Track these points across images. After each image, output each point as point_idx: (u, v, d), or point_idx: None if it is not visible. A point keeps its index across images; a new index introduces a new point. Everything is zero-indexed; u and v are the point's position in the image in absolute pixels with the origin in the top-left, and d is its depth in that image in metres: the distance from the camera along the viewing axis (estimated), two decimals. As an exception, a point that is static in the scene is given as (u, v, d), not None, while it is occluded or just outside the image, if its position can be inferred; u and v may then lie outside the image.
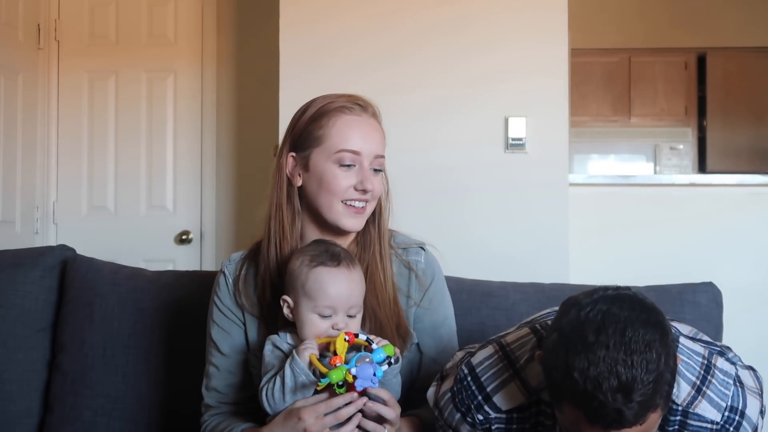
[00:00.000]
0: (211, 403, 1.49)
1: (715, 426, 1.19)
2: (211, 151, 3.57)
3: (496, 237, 2.67)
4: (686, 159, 5.89)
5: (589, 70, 5.73)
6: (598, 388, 1.01)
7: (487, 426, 1.28)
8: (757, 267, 2.71)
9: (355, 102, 1.44)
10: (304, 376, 1.25)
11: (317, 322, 1.31)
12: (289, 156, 1.43)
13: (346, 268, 1.33)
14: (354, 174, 1.41)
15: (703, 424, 1.19)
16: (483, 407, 1.27)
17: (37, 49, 3.47)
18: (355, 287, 1.33)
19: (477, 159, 2.72)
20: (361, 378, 1.20)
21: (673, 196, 2.78)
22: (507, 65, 2.72)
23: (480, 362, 1.30)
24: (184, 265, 3.39)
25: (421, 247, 1.54)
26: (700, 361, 1.23)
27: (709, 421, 1.19)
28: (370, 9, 2.78)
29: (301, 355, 1.26)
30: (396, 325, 1.43)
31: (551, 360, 1.09)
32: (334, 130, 1.40)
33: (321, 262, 1.32)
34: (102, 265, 1.94)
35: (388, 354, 1.25)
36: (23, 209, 3.35)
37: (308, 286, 1.31)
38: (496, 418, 1.27)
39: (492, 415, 1.27)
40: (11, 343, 1.85)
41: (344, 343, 1.25)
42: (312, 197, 1.43)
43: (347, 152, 1.40)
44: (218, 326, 1.49)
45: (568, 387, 1.05)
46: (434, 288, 1.52)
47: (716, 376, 1.22)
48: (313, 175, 1.41)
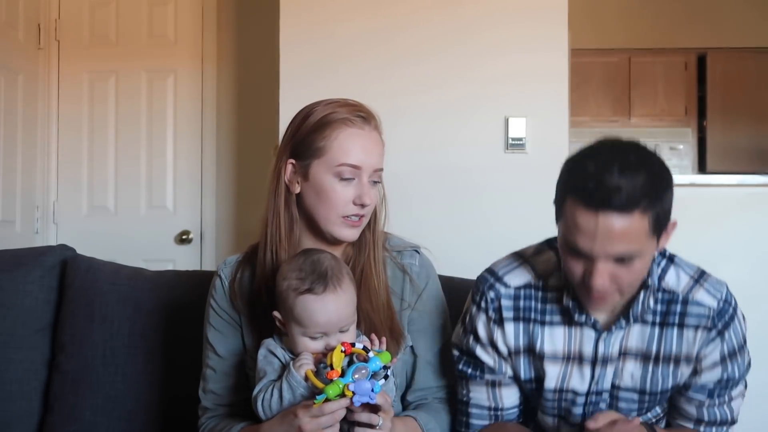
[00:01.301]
0: (208, 406, 1.49)
1: (712, 312, 1.38)
2: (211, 151, 3.57)
3: (495, 237, 2.66)
4: (686, 159, 5.89)
5: (589, 70, 5.73)
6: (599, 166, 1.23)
7: (497, 304, 1.45)
8: (757, 267, 2.71)
9: (358, 113, 1.43)
10: (302, 388, 1.26)
11: (309, 344, 1.31)
12: (288, 163, 1.42)
13: (332, 292, 1.30)
14: (353, 188, 1.40)
15: (701, 309, 1.38)
16: (494, 286, 1.46)
17: (37, 49, 3.47)
18: (343, 309, 1.31)
19: (477, 159, 2.72)
20: (359, 394, 1.20)
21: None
22: (507, 65, 2.72)
23: (494, 263, 1.52)
24: (184, 265, 3.39)
25: (416, 250, 1.54)
26: (696, 267, 1.45)
27: (707, 307, 1.38)
28: (370, 10, 2.78)
29: (298, 371, 1.27)
30: (390, 328, 1.43)
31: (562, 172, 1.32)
32: (336, 143, 1.39)
33: (308, 289, 1.29)
34: (102, 265, 1.94)
35: (384, 362, 1.25)
36: (23, 209, 3.35)
37: (296, 312, 1.30)
38: (506, 293, 1.45)
39: (502, 291, 1.45)
40: (11, 343, 1.85)
41: (341, 354, 1.25)
42: (309, 206, 1.42)
43: (348, 166, 1.39)
44: (215, 329, 1.49)
45: (574, 174, 1.28)
46: (428, 291, 1.53)
47: (711, 278, 1.43)
48: (311, 186, 1.41)
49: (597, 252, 1.25)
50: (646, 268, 1.33)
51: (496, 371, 1.47)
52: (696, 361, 1.39)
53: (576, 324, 1.41)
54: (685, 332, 1.39)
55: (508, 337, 1.45)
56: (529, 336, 1.45)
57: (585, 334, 1.41)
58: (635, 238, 1.25)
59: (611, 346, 1.41)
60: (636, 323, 1.40)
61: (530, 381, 1.46)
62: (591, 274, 1.27)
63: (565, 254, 1.33)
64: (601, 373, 1.42)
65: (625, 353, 1.41)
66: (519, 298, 1.45)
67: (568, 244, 1.29)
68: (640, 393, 1.42)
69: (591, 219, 1.23)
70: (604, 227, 1.22)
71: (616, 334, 1.40)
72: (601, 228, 1.23)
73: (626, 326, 1.39)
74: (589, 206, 1.23)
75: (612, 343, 1.41)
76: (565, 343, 1.43)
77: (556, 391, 1.44)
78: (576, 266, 1.30)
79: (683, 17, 5.81)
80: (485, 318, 1.46)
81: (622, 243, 1.24)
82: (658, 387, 1.41)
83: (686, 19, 5.81)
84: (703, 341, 1.38)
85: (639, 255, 1.27)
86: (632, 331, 1.40)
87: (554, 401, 1.45)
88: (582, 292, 1.35)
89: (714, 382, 1.41)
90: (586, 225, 1.24)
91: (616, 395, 1.42)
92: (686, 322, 1.39)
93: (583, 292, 1.34)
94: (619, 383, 1.42)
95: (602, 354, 1.41)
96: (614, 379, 1.42)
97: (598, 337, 1.41)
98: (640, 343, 1.41)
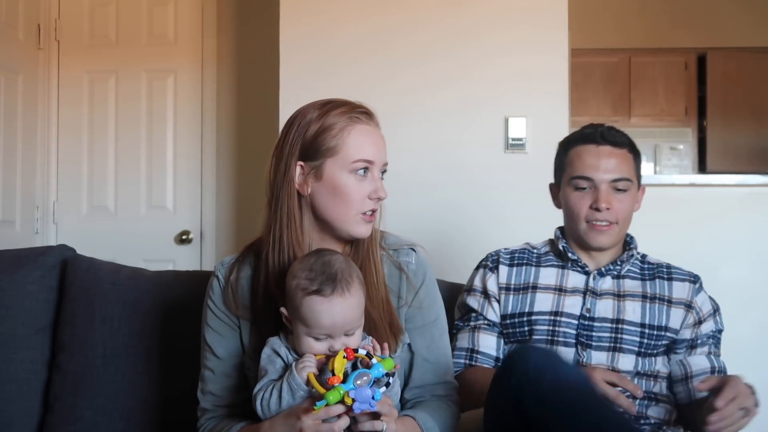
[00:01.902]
0: (207, 407, 1.49)
1: (692, 275, 1.70)
2: (211, 151, 3.56)
3: (496, 236, 2.66)
4: (686, 159, 5.89)
5: (589, 70, 5.73)
6: (593, 126, 1.70)
7: (496, 257, 1.76)
8: (757, 267, 2.71)
9: (362, 111, 1.45)
10: (302, 391, 1.26)
11: (313, 344, 1.31)
12: (297, 165, 1.42)
13: (340, 295, 1.29)
14: (368, 183, 1.42)
15: (682, 272, 1.71)
16: (496, 251, 1.78)
17: (37, 49, 3.47)
18: (350, 313, 1.31)
19: (477, 159, 2.72)
20: (359, 401, 1.20)
21: (673, 196, 2.78)
22: (507, 66, 2.72)
23: None
24: (184, 265, 3.39)
25: (412, 248, 1.55)
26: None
27: (687, 272, 1.71)
28: (370, 11, 2.78)
29: (300, 373, 1.27)
30: (389, 323, 1.44)
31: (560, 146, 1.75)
32: (348, 140, 1.40)
33: (316, 291, 1.29)
34: (102, 265, 1.94)
35: (387, 369, 1.25)
36: (23, 209, 3.35)
37: (303, 312, 1.30)
38: (504, 251, 1.77)
39: (501, 250, 1.77)
40: (11, 343, 1.85)
41: (343, 360, 1.25)
42: (323, 206, 1.42)
43: (362, 162, 1.41)
44: (213, 330, 1.49)
45: (574, 135, 1.71)
46: (425, 288, 1.53)
47: None
48: (325, 185, 1.41)
49: (601, 177, 1.63)
50: (632, 206, 1.67)
51: (479, 312, 1.71)
52: (693, 310, 1.66)
53: (567, 268, 1.70)
54: (675, 283, 1.68)
55: (501, 276, 1.73)
56: (522, 276, 1.72)
57: (576, 275, 1.69)
58: (626, 168, 1.65)
59: (601, 283, 1.67)
60: (627, 278, 1.68)
61: (521, 315, 1.68)
62: (597, 200, 1.62)
63: (571, 195, 1.67)
64: (592, 303, 1.65)
65: (624, 295, 1.66)
66: (515, 252, 1.77)
67: (575, 179, 1.66)
68: (641, 326, 1.63)
69: (593, 150, 1.65)
70: (605, 154, 1.64)
71: (606, 277, 1.68)
72: (602, 156, 1.64)
73: (614, 270, 1.68)
74: (591, 142, 1.66)
75: (601, 282, 1.67)
76: (557, 279, 1.70)
77: (550, 313, 1.65)
78: (583, 200, 1.65)
79: (683, 17, 5.81)
80: (482, 271, 1.76)
81: (617, 169, 1.64)
82: (655, 321, 1.64)
83: (686, 19, 5.81)
84: (693, 291, 1.67)
85: (629, 188, 1.65)
86: (625, 282, 1.68)
87: (547, 327, 1.63)
88: (587, 229, 1.65)
89: (713, 332, 1.67)
90: (590, 156, 1.64)
91: (621, 328, 1.63)
92: (673, 276, 1.69)
93: (588, 228, 1.65)
94: (623, 317, 1.64)
95: (592, 287, 1.66)
96: (618, 314, 1.64)
97: (588, 277, 1.68)
98: (636, 287, 1.68)
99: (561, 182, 1.72)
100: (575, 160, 1.66)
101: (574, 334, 1.63)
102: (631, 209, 1.67)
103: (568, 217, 1.71)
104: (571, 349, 1.62)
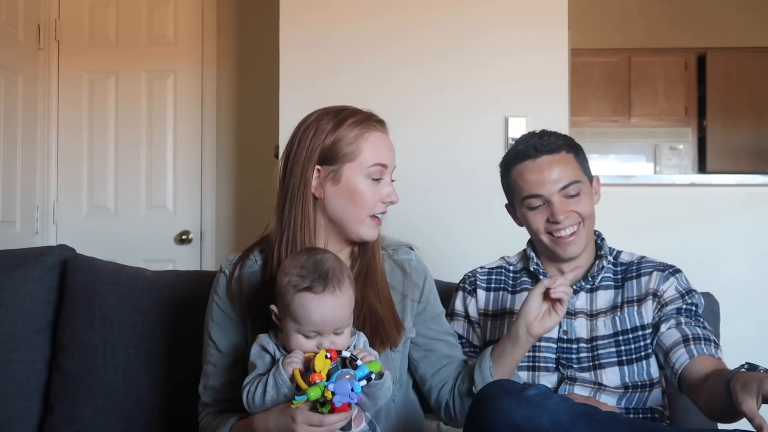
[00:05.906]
0: (208, 401, 1.51)
1: (661, 265, 1.67)
2: (211, 151, 3.57)
3: (496, 236, 2.66)
4: (686, 159, 5.89)
5: (589, 70, 5.74)
6: (524, 138, 1.67)
7: (473, 278, 1.76)
8: (757, 267, 2.71)
9: (375, 119, 1.52)
10: (286, 388, 1.27)
11: (302, 341, 1.32)
12: (315, 169, 1.46)
13: (331, 293, 1.31)
14: (381, 186, 1.49)
15: (652, 264, 1.67)
16: (473, 271, 1.78)
17: (37, 49, 3.47)
18: (340, 311, 1.32)
19: (477, 159, 2.72)
20: (339, 394, 1.21)
21: (673, 196, 2.78)
22: (507, 66, 2.72)
23: None
24: (184, 265, 3.39)
25: (410, 247, 1.63)
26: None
27: (657, 263, 1.68)
28: (370, 11, 2.78)
29: (285, 368, 1.28)
30: (393, 319, 1.51)
31: (501, 166, 1.72)
32: (366, 146, 1.47)
33: (307, 288, 1.30)
34: (102, 265, 1.94)
35: (373, 370, 1.25)
36: (23, 209, 3.35)
37: (293, 309, 1.31)
38: (481, 272, 1.77)
39: (478, 270, 1.78)
40: (11, 343, 1.85)
41: (324, 360, 1.25)
42: (337, 209, 1.47)
43: (379, 166, 1.48)
44: (217, 324, 1.51)
45: (508, 154, 1.69)
46: (429, 284, 1.62)
47: None
48: (342, 188, 1.46)
49: (549, 190, 1.60)
50: (591, 203, 1.65)
51: (465, 338, 1.71)
52: (658, 297, 1.62)
53: None
54: (643, 279, 1.65)
55: (480, 301, 1.73)
56: (499, 303, 1.71)
57: None
58: (571, 171, 1.62)
59: (575, 300, 1.64)
60: (600, 290, 1.66)
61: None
62: (553, 214, 1.59)
63: (527, 214, 1.64)
64: (569, 324, 1.63)
65: (596, 314, 1.64)
66: (492, 273, 1.77)
67: (526, 199, 1.63)
68: (614, 336, 1.61)
69: (532, 165, 1.62)
70: (545, 166, 1.60)
71: (579, 293, 1.65)
72: (543, 168, 1.60)
73: (588, 284, 1.65)
74: (527, 158, 1.62)
75: (575, 300, 1.64)
76: None
77: None
78: (539, 218, 1.63)
79: (683, 17, 5.81)
80: (462, 294, 1.75)
81: (563, 176, 1.60)
82: (627, 324, 1.61)
83: (686, 19, 5.81)
84: (660, 279, 1.63)
85: (581, 189, 1.62)
86: (598, 296, 1.66)
87: (528, 353, 1.58)
88: (553, 243, 1.62)
89: (678, 308, 1.61)
90: (531, 173, 1.61)
91: (596, 345, 1.62)
92: (642, 272, 1.66)
93: (553, 242, 1.62)
94: (596, 334, 1.62)
95: (568, 308, 1.57)
96: (591, 333, 1.63)
97: None
98: (607, 302, 1.65)
99: (514, 203, 1.70)
100: (519, 181, 1.63)
101: (554, 358, 1.62)
102: (591, 206, 1.64)
103: (532, 235, 1.69)
104: (554, 375, 1.61)
